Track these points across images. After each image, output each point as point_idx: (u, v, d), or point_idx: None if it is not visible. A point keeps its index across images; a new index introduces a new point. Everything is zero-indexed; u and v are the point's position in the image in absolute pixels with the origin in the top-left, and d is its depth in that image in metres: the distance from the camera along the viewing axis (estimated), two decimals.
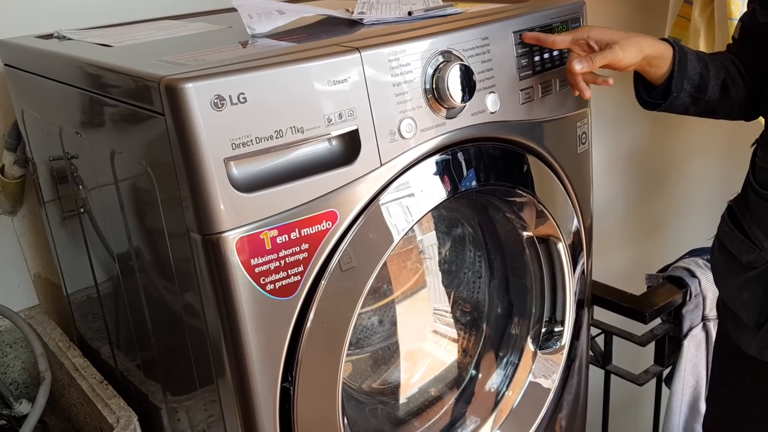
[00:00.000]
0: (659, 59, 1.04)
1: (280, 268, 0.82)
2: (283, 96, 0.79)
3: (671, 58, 1.05)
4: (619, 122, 2.13)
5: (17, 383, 1.30)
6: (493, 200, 1.12)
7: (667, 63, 1.05)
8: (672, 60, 1.05)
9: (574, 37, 1.02)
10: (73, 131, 1.02)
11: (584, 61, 1.00)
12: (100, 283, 1.15)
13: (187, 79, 0.73)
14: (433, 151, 0.94)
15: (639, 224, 2.40)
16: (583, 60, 1.00)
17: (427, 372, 1.28)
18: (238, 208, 0.79)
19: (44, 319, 1.28)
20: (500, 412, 1.24)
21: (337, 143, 0.86)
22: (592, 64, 1.00)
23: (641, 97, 1.12)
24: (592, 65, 1.00)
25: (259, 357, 0.84)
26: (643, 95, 1.11)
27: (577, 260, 1.20)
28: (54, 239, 1.26)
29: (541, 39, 1.02)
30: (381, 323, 1.24)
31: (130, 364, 1.14)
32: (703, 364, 1.61)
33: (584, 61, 1.00)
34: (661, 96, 1.08)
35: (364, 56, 0.85)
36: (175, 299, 0.92)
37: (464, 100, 0.93)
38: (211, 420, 0.94)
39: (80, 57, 0.95)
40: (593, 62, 1.00)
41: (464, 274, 1.30)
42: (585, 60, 1.00)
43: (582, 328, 1.26)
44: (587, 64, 1.00)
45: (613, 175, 2.22)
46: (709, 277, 1.54)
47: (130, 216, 0.95)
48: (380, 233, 0.90)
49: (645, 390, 1.66)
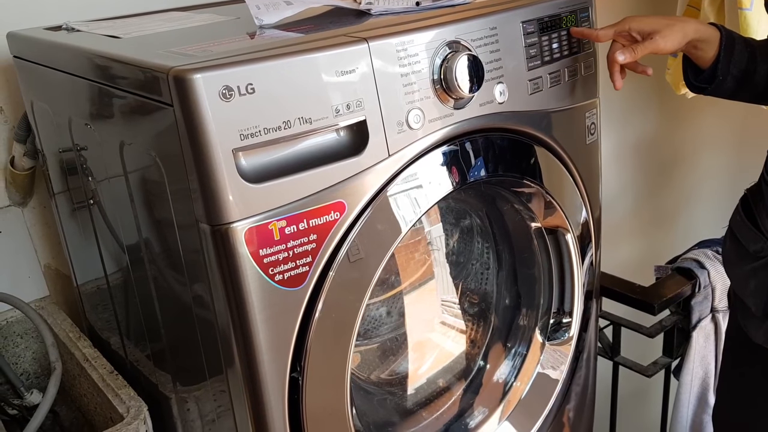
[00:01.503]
0: (705, 43, 1.05)
1: (288, 258, 0.83)
2: (291, 87, 0.79)
3: (718, 43, 1.05)
4: (628, 113, 2.12)
5: (28, 373, 1.31)
6: (501, 191, 1.12)
7: (714, 47, 1.05)
8: (719, 44, 1.05)
9: (617, 30, 1.05)
10: (83, 123, 1.02)
11: (626, 52, 1.03)
12: (109, 274, 1.15)
13: (196, 70, 0.74)
14: (441, 142, 0.94)
15: (648, 215, 2.40)
16: (625, 51, 1.03)
17: (435, 363, 1.28)
18: (247, 199, 0.79)
19: (54, 309, 1.29)
20: (508, 403, 1.24)
21: (345, 134, 0.86)
22: (634, 55, 1.03)
23: (689, 80, 1.12)
24: (635, 56, 1.03)
25: (267, 347, 0.84)
26: (691, 79, 1.11)
27: (586, 251, 1.19)
28: (64, 231, 1.27)
29: (586, 33, 1.06)
30: (389, 314, 1.24)
31: (140, 354, 1.15)
32: (712, 355, 1.61)
33: (626, 53, 1.03)
34: (707, 80, 1.08)
35: (372, 47, 0.85)
36: (184, 290, 0.92)
37: (472, 90, 0.93)
38: (220, 410, 0.95)
39: (89, 48, 0.96)
40: (635, 53, 1.03)
41: (472, 266, 1.30)
42: (627, 51, 1.03)
43: (590, 319, 1.26)
44: (629, 56, 1.03)
45: (622, 167, 2.21)
46: (718, 268, 1.54)
47: (139, 207, 0.96)
48: (388, 224, 0.90)
49: (653, 381, 1.66)
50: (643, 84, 1.13)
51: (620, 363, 1.61)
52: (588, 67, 1.10)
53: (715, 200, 2.54)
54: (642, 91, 2.10)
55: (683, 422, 1.65)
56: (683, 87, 1.14)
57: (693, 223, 2.51)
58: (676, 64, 1.74)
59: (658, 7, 1.99)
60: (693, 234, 2.11)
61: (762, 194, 1.10)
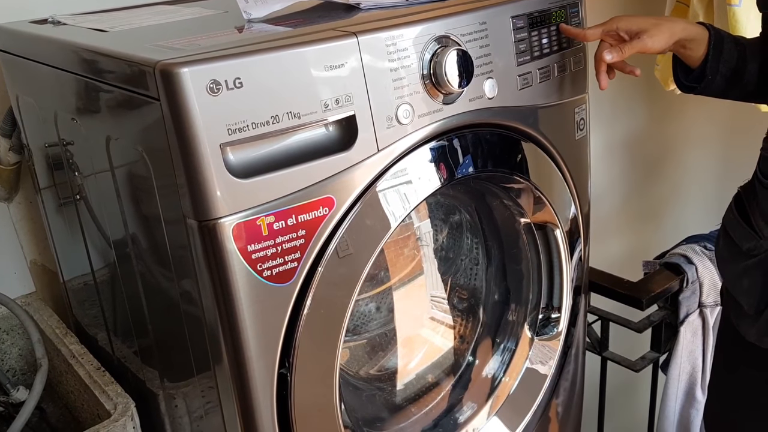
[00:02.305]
0: (693, 42, 1.05)
1: (277, 254, 0.82)
2: (279, 81, 0.79)
3: (706, 42, 1.05)
4: (616, 109, 2.13)
5: (14, 370, 1.30)
6: (490, 187, 1.12)
7: (703, 46, 1.05)
8: (707, 43, 1.05)
9: (605, 30, 1.05)
10: (69, 117, 1.01)
11: (614, 51, 1.03)
12: (96, 270, 1.14)
13: (183, 64, 0.73)
14: (431, 137, 0.94)
15: (636, 211, 2.41)
16: (612, 50, 1.03)
17: (424, 358, 1.28)
18: (235, 194, 0.78)
19: (41, 306, 1.28)
20: (497, 398, 1.25)
21: (334, 129, 0.86)
22: (621, 54, 1.03)
23: (679, 80, 1.12)
24: (622, 55, 1.04)
25: (256, 343, 0.84)
26: (681, 78, 1.11)
27: (575, 247, 1.20)
28: (50, 226, 1.26)
29: (573, 33, 1.06)
30: (378, 310, 1.24)
31: (127, 350, 1.14)
32: (700, 350, 1.62)
33: (614, 52, 1.03)
34: (696, 79, 1.08)
35: (361, 41, 0.84)
36: (171, 286, 0.91)
37: (462, 85, 0.92)
38: (208, 406, 0.94)
39: (75, 42, 0.95)
40: (623, 52, 1.03)
41: (461, 261, 1.30)
42: (615, 50, 1.03)
43: (579, 314, 1.27)
44: (617, 55, 1.03)
45: (610, 162, 2.22)
46: (705, 263, 1.55)
47: (126, 202, 0.95)
48: (377, 220, 0.90)
49: (641, 376, 1.67)
50: (632, 80, 1.13)
51: (608, 358, 1.61)
52: (577, 63, 1.10)
53: (702, 196, 2.55)
54: (631, 87, 2.10)
55: (671, 417, 1.67)
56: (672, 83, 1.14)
57: (681, 218, 2.52)
58: (666, 60, 1.74)
59: (648, 2, 1.99)
60: (681, 229, 2.12)
61: (755, 192, 1.10)
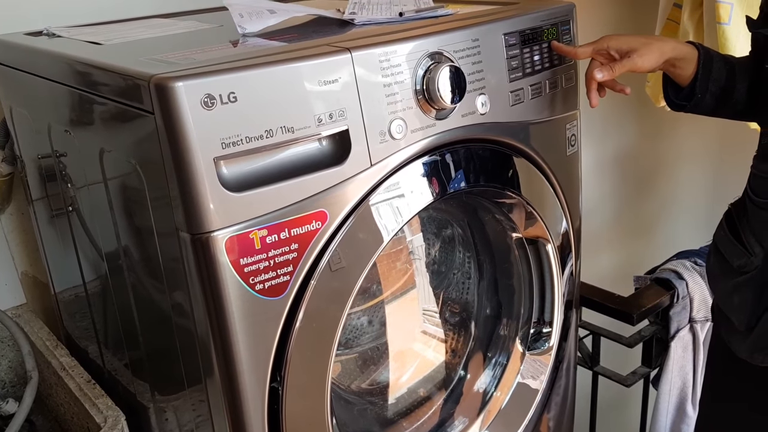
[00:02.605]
0: (683, 61, 1.06)
1: (269, 267, 0.82)
2: (273, 96, 0.79)
3: (696, 60, 1.06)
4: (607, 125, 2.14)
5: (4, 382, 1.29)
6: (482, 201, 1.13)
7: (692, 65, 1.06)
8: (697, 62, 1.06)
9: (596, 48, 1.06)
10: (62, 129, 1.01)
11: (604, 70, 1.04)
12: (88, 282, 1.14)
13: (177, 78, 0.73)
14: (423, 152, 0.95)
15: (627, 226, 2.42)
16: (603, 69, 1.05)
17: (416, 372, 1.28)
18: (228, 208, 0.78)
19: (31, 317, 1.27)
20: (488, 413, 1.25)
21: (327, 143, 0.86)
22: (612, 73, 1.05)
23: (669, 98, 1.13)
24: (612, 74, 1.05)
25: (247, 357, 0.84)
26: (671, 96, 1.12)
27: (566, 262, 1.20)
28: (42, 238, 1.25)
29: (565, 50, 1.08)
30: (370, 323, 1.24)
31: (118, 363, 1.14)
32: (690, 365, 1.62)
33: (604, 71, 1.04)
34: (686, 98, 1.09)
35: (355, 57, 0.85)
36: (163, 298, 0.91)
37: (454, 101, 0.93)
38: (199, 420, 0.94)
39: (70, 54, 0.95)
40: (613, 71, 1.04)
41: (453, 275, 1.30)
42: (605, 69, 1.04)
43: (570, 329, 1.27)
44: (607, 74, 1.04)
45: (601, 178, 2.23)
46: (696, 279, 1.56)
47: (118, 215, 0.95)
48: (370, 234, 0.90)
49: (632, 391, 1.67)
50: (623, 97, 1.14)
51: (600, 373, 1.62)
52: (569, 80, 1.11)
53: (693, 211, 2.57)
54: (622, 104, 2.12)
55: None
56: (662, 100, 1.15)
57: (671, 233, 2.53)
58: (656, 77, 1.76)
59: (639, 21, 2.02)
60: (671, 245, 2.13)
61: (746, 209, 1.10)
